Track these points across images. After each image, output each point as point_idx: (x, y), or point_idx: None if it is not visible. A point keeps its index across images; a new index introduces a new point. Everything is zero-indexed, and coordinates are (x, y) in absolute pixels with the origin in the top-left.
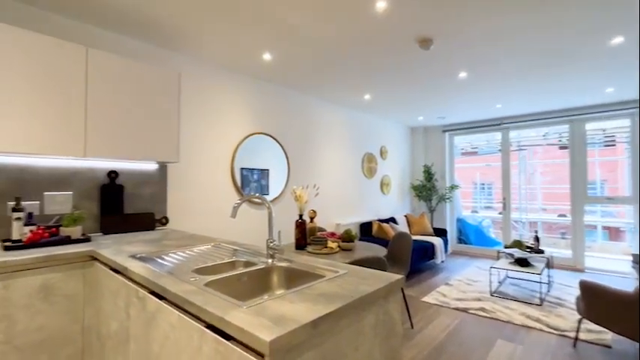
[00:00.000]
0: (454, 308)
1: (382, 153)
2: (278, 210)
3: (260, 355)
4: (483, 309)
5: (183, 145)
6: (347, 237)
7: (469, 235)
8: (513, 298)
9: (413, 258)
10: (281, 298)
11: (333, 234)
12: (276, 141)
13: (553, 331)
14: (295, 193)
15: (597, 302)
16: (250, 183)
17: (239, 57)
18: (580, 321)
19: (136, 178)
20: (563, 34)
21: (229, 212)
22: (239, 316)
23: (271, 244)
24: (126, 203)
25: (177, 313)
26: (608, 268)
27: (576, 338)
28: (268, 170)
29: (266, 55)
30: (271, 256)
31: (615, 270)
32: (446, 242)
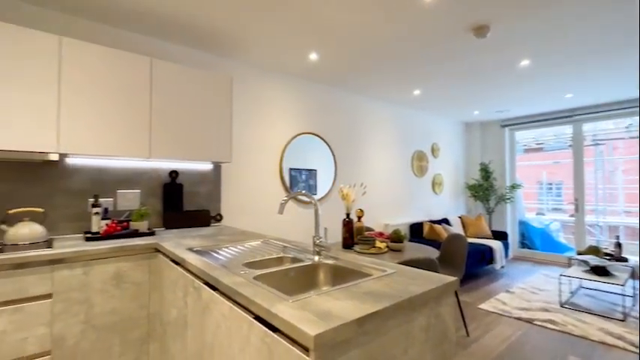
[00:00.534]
0: (516, 318)
1: (433, 151)
2: (325, 209)
3: (305, 349)
4: (552, 321)
5: (234, 146)
6: (396, 237)
7: (534, 240)
8: (589, 311)
9: (468, 262)
10: (327, 295)
11: (382, 234)
12: (323, 140)
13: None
14: (342, 192)
15: None
16: (298, 183)
17: (286, 58)
18: None
19: (194, 178)
20: None
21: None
22: (285, 309)
23: (318, 241)
24: (185, 201)
25: (228, 304)
26: None
27: None
28: (316, 171)
29: (312, 55)
30: (318, 253)
31: None
32: (506, 246)
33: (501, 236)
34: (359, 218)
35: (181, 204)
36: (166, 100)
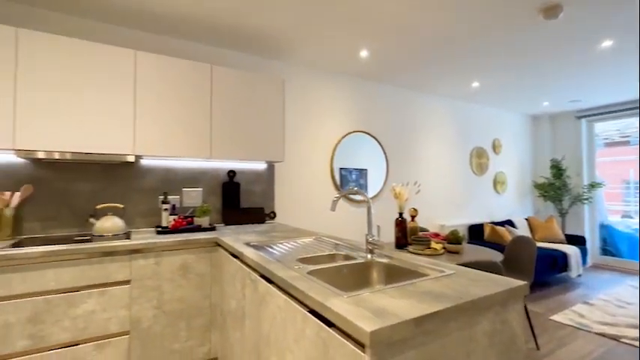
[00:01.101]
0: (598, 333)
1: (495, 147)
2: (376, 208)
3: (361, 346)
4: None
5: (286, 146)
6: (453, 238)
7: (619, 246)
8: None
9: (537, 268)
10: (381, 292)
11: (437, 234)
12: (373, 138)
13: None
14: (395, 191)
15: None
16: (349, 182)
17: (336, 57)
18: None
19: (249, 177)
20: None
21: (329, 208)
22: (339, 304)
23: (370, 239)
24: (241, 199)
25: (283, 297)
26: None
27: None
28: (367, 170)
29: (363, 52)
30: (370, 252)
31: None
32: (584, 252)
33: (578, 241)
34: (412, 218)
35: (238, 201)
36: (224, 104)
